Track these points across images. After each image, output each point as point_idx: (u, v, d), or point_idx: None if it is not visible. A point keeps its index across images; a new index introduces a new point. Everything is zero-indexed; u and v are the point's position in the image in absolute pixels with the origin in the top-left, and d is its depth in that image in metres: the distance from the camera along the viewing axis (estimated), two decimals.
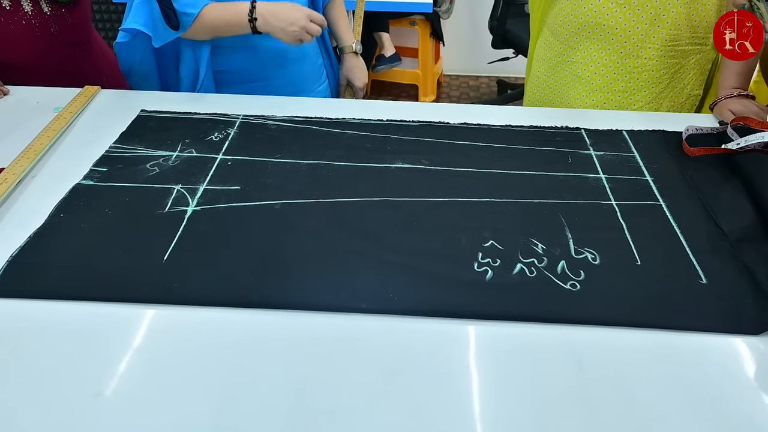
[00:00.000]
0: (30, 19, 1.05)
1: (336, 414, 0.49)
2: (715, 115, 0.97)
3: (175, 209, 0.72)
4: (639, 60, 1.02)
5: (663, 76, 1.03)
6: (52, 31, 1.08)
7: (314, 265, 0.64)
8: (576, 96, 1.09)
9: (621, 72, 1.04)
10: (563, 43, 1.08)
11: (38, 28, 1.06)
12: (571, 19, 1.05)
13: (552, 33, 1.11)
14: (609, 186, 0.79)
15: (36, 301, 0.60)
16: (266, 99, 1.03)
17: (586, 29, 1.04)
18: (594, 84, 1.06)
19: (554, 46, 1.11)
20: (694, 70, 1.04)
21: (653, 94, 1.05)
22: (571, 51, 1.07)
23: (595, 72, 1.05)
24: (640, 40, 1.00)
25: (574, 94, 1.09)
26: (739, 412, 0.50)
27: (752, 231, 0.70)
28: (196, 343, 0.55)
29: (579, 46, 1.06)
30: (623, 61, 1.03)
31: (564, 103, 1.12)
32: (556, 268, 0.64)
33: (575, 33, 1.05)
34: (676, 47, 1.00)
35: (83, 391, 0.51)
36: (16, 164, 0.79)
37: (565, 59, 1.09)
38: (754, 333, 0.58)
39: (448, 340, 0.56)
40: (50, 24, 1.07)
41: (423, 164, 0.83)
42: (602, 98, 1.06)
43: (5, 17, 1.03)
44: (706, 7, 0.98)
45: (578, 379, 0.53)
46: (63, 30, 1.10)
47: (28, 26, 1.05)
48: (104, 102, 1.00)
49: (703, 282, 0.63)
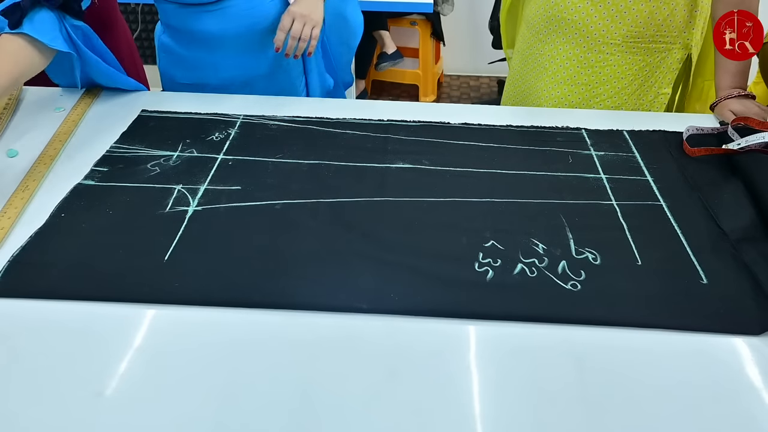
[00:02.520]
0: None
1: (337, 414, 0.49)
2: (715, 116, 0.97)
3: (176, 209, 0.72)
4: (601, 55, 1.04)
5: (625, 72, 1.05)
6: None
7: (315, 265, 0.64)
8: (543, 88, 1.11)
9: (584, 66, 1.06)
10: (534, 35, 1.11)
11: None
12: (542, 12, 1.07)
13: (527, 26, 1.14)
14: (610, 186, 0.79)
15: (37, 300, 0.60)
16: (267, 99, 1.03)
17: (553, 22, 1.06)
18: (559, 76, 1.08)
19: (527, 38, 1.14)
20: (660, 69, 1.05)
21: (615, 89, 1.06)
22: (540, 44, 1.10)
23: (560, 65, 1.08)
24: (602, 35, 1.02)
25: (541, 86, 1.11)
26: (739, 412, 0.50)
27: (753, 231, 0.70)
28: (196, 343, 0.56)
29: (547, 39, 1.08)
30: (586, 55, 1.05)
31: (532, 95, 1.14)
32: (557, 268, 0.64)
33: (545, 26, 1.08)
34: (638, 44, 1.02)
35: (84, 391, 0.51)
36: (35, 171, 0.79)
37: (535, 51, 1.12)
38: (755, 333, 0.57)
39: (449, 340, 0.56)
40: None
41: (424, 164, 0.83)
42: (566, 90, 1.09)
43: None
44: (671, 6, 0.99)
45: (579, 379, 0.53)
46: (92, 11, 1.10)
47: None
48: (105, 102, 1.00)
49: (704, 282, 0.63)
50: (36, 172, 0.79)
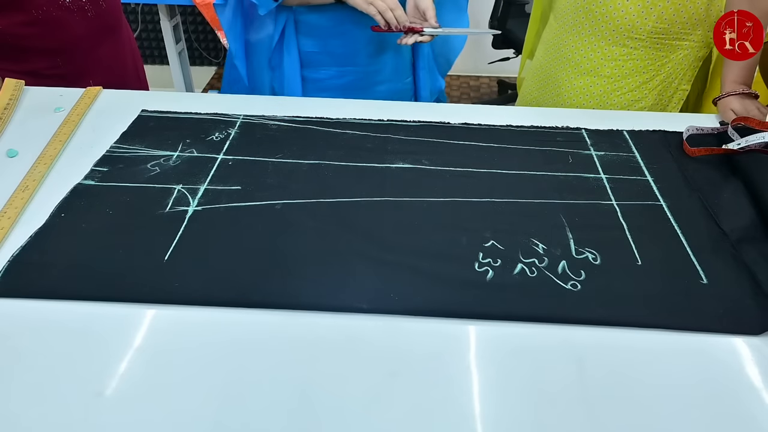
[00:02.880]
0: (69, 6, 1.08)
1: (337, 414, 0.49)
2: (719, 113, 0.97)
3: (176, 209, 0.72)
4: (625, 48, 1.05)
5: (648, 66, 1.06)
6: (89, 16, 1.11)
7: (315, 265, 0.64)
8: (565, 78, 1.13)
9: (608, 58, 1.07)
10: (562, 26, 1.13)
11: (77, 13, 1.10)
12: (573, 3, 1.09)
13: (556, 18, 1.16)
14: (610, 186, 0.79)
15: (37, 300, 0.60)
16: (267, 99, 1.03)
17: (581, 14, 1.08)
18: (582, 67, 1.11)
19: (555, 30, 1.16)
20: (681, 65, 1.06)
21: (637, 82, 1.08)
22: (566, 34, 1.12)
23: (584, 56, 1.10)
24: (627, 29, 1.03)
25: (563, 75, 1.14)
26: (739, 412, 0.50)
27: (753, 231, 0.70)
28: (196, 343, 0.56)
29: (573, 30, 1.10)
30: (610, 48, 1.06)
31: (553, 85, 1.17)
32: (557, 268, 0.64)
33: (573, 17, 1.10)
34: (662, 40, 1.03)
35: (84, 391, 0.51)
36: (35, 170, 0.79)
37: (560, 42, 1.14)
38: (755, 333, 0.58)
39: (449, 340, 0.56)
40: (88, 9, 1.11)
41: (424, 164, 0.83)
42: (588, 81, 1.11)
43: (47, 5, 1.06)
44: (696, 4, 1.00)
45: (579, 379, 0.53)
46: (99, 14, 1.13)
47: (67, 11, 1.08)
48: (105, 102, 1.00)
49: (704, 282, 0.63)
50: (36, 172, 0.79)
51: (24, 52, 1.08)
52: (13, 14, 1.04)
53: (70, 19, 1.09)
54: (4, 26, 1.04)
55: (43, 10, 1.05)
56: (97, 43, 1.16)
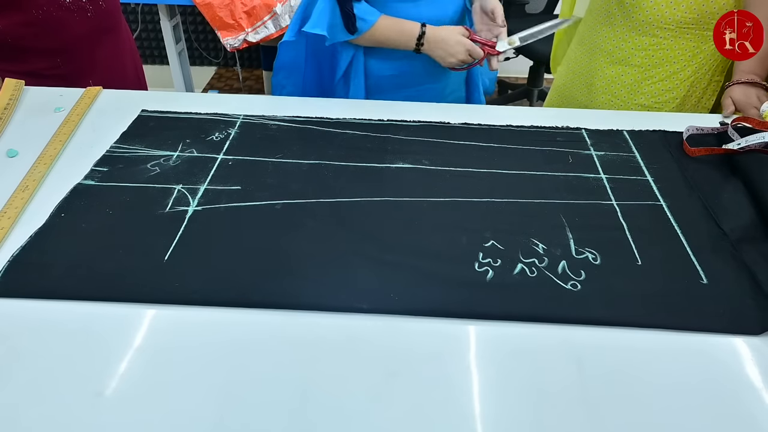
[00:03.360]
0: (68, 6, 1.08)
1: (337, 413, 0.49)
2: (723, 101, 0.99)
3: (176, 209, 0.72)
4: (654, 38, 1.07)
5: (678, 56, 1.07)
6: (89, 16, 1.11)
7: (315, 265, 0.64)
8: (597, 67, 1.16)
9: (638, 48, 1.09)
10: (595, 18, 1.16)
11: (77, 12, 1.10)
12: None
13: (590, 12, 1.19)
14: (610, 186, 0.79)
15: (37, 300, 0.60)
16: (267, 99, 1.03)
17: (613, 5, 1.10)
18: (614, 57, 1.13)
19: (588, 23, 1.19)
20: (714, 56, 1.07)
21: (667, 72, 1.09)
22: (599, 26, 1.15)
23: (615, 46, 1.12)
24: (656, 19, 1.05)
25: (595, 65, 1.17)
26: (740, 412, 0.50)
27: (753, 231, 0.70)
28: (196, 343, 0.56)
29: (605, 21, 1.13)
30: (640, 38, 1.08)
31: (585, 75, 1.20)
32: (557, 268, 0.64)
33: (605, 8, 1.12)
34: (691, 30, 1.04)
35: (84, 391, 0.51)
36: (35, 170, 0.79)
37: (593, 33, 1.17)
38: (755, 333, 0.58)
39: (449, 340, 0.56)
40: (88, 9, 1.11)
41: (423, 164, 0.83)
42: (620, 70, 1.13)
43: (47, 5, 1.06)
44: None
45: (579, 379, 0.53)
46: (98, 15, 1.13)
47: (67, 11, 1.08)
48: (105, 102, 1.00)
49: (704, 282, 0.63)
50: (36, 172, 0.79)
51: (24, 52, 1.08)
52: (12, 14, 1.04)
53: (70, 19, 1.10)
54: (3, 26, 1.04)
55: (44, 10, 1.05)
56: (96, 43, 1.16)
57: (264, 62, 2.45)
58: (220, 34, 2.03)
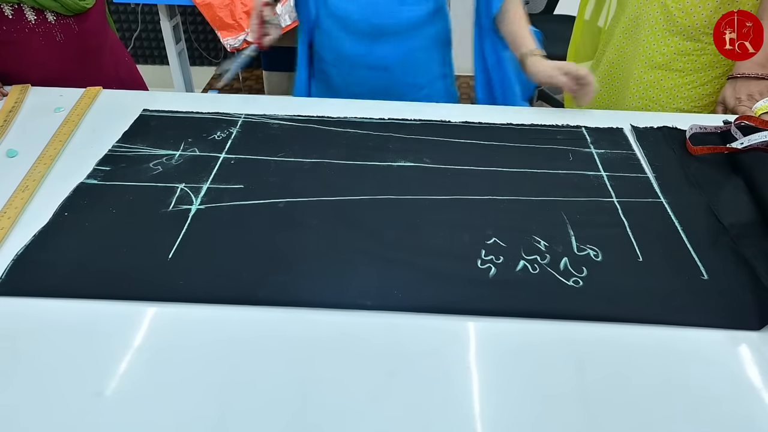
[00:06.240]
0: (33, 28, 1.03)
1: (338, 411, 0.50)
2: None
3: (179, 208, 0.73)
4: (699, 44, 1.06)
5: (721, 62, 1.07)
6: (58, 40, 1.05)
7: (318, 262, 0.64)
8: (636, 71, 1.15)
9: (681, 53, 1.09)
10: (633, 21, 1.15)
11: (42, 37, 1.04)
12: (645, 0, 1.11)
13: (627, 16, 1.17)
14: (610, 183, 0.79)
15: (40, 299, 0.60)
16: (267, 98, 1.03)
17: (655, 8, 1.09)
18: (654, 61, 1.12)
19: (624, 25, 1.18)
20: None
21: (709, 77, 1.09)
22: (637, 28, 1.14)
23: (656, 50, 1.11)
24: (703, 25, 1.04)
25: (634, 68, 1.16)
26: (739, 411, 0.50)
27: (753, 227, 0.70)
28: (200, 341, 0.56)
29: (645, 25, 1.12)
30: (684, 43, 1.08)
31: (619, 79, 1.19)
32: (559, 264, 0.65)
33: (646, 12, 1.11)
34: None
35: (87, 390, 0.51)
36: (35, 170, 0.79)
37: (632, 36, 1.16)
38: (755, 328, 0.58)
39: (451, 337, 0.57)
40: (55, 33, 1.05)
41: (425, 162, 0.83)
42: (660, 75, 1.12)
43: (7, 26, 1.01)
44: None
45: (580, 376, 0.53)
46: (70, 39, 1.07)
47: (32, 34, 1.03)
48: (106, 102, 1.00)
49: (705, 278, 0.63)
50: (36, 172, 0.79)
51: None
52: None
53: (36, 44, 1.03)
54: None
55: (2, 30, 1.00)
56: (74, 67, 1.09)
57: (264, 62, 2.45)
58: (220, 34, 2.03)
